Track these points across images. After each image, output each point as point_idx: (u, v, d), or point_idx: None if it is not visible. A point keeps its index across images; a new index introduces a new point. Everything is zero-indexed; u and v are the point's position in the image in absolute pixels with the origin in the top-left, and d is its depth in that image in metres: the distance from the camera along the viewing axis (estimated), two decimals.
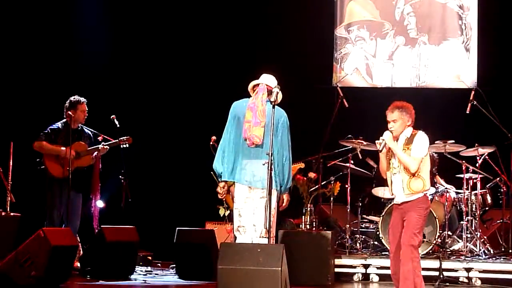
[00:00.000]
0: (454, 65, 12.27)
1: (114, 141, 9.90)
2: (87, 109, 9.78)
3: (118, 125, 9.90)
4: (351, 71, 12.48)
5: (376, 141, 7.23)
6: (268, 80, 7.30)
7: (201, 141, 10.08)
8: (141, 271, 9.97)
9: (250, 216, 7.11)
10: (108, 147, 9.85)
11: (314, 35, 12.29)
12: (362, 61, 12.54)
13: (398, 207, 7.29)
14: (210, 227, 10.75)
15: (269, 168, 6.61)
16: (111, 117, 9.95)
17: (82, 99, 9.77)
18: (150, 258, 10.79)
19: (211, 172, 7.85)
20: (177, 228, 9.79)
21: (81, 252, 9.42)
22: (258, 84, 7.27)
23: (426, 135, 7.27)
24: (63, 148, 9.52)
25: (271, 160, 6.68)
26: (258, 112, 7.09)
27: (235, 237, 7.21)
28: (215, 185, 7.42)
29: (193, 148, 11.41)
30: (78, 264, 9.41)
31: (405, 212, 7.20)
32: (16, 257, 7.98)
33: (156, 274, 10.03)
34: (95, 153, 9.79)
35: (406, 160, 7.12)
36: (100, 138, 9.92)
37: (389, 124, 7.23)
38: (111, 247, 9.23)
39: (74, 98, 9.77)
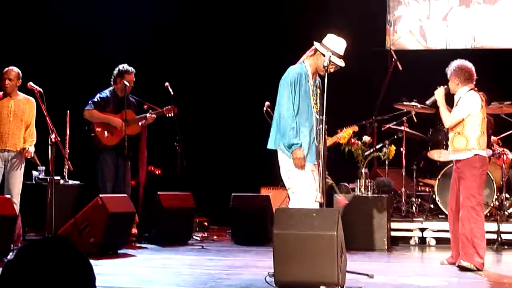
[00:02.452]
0: (509, 24, 12.03)
1: (160, 110, 9.93)
2: (134, 79, 9.69)
3: (172, 93, 9.90)
4: (405, 34, 12.33)
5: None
6: (326, 41, 7.06)
7: (257, 107, 10.06)
8: (198, 236, 10.08)
9: None
10: (155, 116, 9.87)
11: None
12: (415, 23, 12.37)
13: (455, 166, 7.49)
14: (265, 192, 10.78)
15: (323, 132, 6.58)
16: (165, 84, 9.95)
17: (131, 69, 9.69)
18: (206, 223, 10.88)
19: None
20: (232, 194, 9.86)
21: (137, 219, 9.51)
22: None
23: (475, 96, 7.27)
24: (120, 121, 9.56)
25: (323, 126, 6.64)
26: None
27: None
28: (272, 151, 7.25)
29: (248, 114, 11.40)
30: (135, 231, 9.54)
31: (460, 171, 7.26)
32: (75, 225, 8.12)
33: (212, 239, 10.13)
34: (143, 121, 9.85)
35: (442, 115, 7.44)
36: (145, 107, 9.96)
37: None
38: (168, 213, 9.33)
39: (122, 67, 9.71)
